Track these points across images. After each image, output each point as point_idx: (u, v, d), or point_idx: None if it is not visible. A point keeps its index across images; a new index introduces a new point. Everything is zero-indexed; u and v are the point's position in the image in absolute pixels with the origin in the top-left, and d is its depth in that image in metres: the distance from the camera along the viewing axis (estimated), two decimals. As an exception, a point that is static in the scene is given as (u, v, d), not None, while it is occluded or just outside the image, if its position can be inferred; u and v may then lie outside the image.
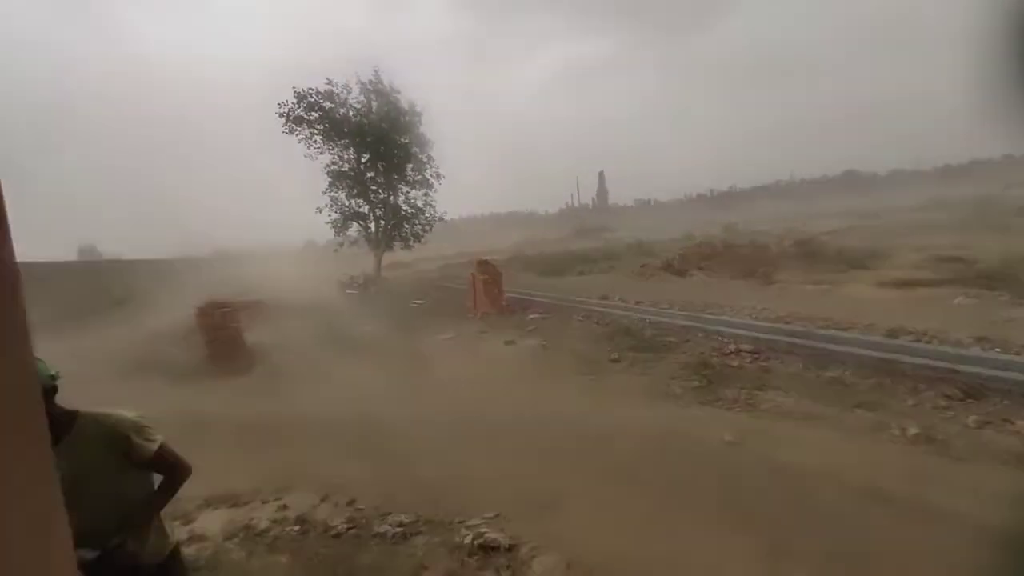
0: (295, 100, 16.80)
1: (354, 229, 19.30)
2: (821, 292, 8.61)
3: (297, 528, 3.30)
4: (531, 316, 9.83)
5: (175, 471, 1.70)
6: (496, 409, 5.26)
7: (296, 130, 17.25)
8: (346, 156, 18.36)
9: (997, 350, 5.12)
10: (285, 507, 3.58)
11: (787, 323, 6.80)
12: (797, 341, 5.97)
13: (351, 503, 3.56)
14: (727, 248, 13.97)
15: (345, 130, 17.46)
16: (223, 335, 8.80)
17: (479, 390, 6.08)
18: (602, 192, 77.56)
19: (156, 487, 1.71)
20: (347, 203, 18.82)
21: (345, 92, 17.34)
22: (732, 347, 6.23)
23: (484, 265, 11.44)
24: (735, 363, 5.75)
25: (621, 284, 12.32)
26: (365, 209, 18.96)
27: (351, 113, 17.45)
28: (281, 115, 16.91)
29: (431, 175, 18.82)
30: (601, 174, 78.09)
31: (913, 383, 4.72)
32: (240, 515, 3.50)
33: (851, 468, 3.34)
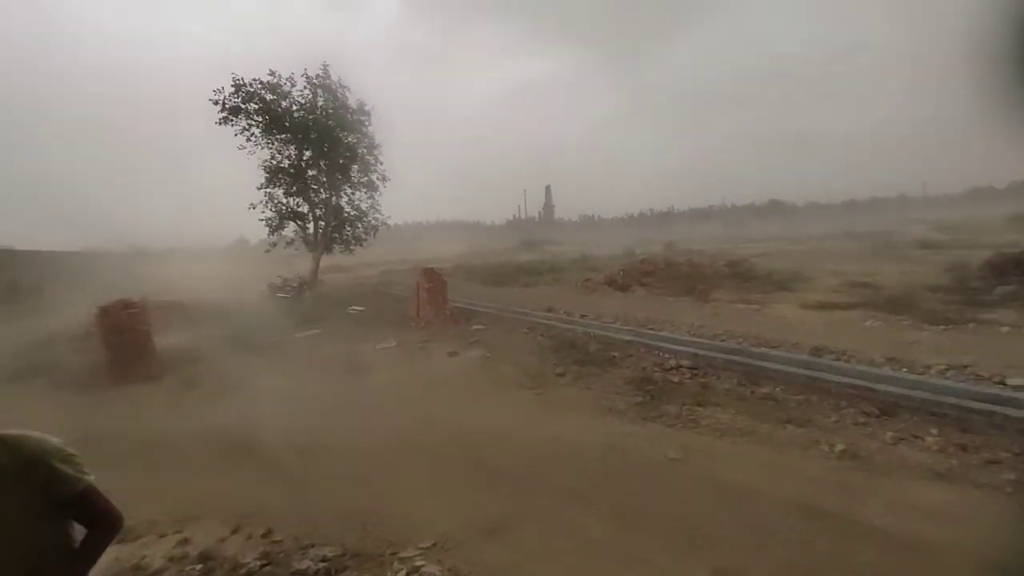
0: (232, 88, 15.66)
1: (291, 229, 18.21)
2: (752, 311, 9.08)
3: (200, 567, 2.86)
4: (475, 327, 9.61)
5: (104, 521, 1.27)
6: (436, 425, 4.99)
7: (232, 120, 16.06)
8: (286, 152, 17.33)
9: (905, 370, 5.55)
10: (186, 541, 3.12)
11: (723, 340, 7.06)
12: (733, 358, 6.19)
13: (267, 534, 3.16)
14: (667, 266, 14.49)
15: (287, 124, 16.48)
16: (128, 339, 7.84)
17: (418, 404, 5.77)
18: (548, 206, 79.14)
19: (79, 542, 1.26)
20: (284, 201, 17.74)
21: (289, 84, 16.41)
22: (673, 363, 6.35)
23: (429, 273, 11.11)
24: (676, 379, 5.84)
25: (566, 297, 12.41)
26: (304, 209, 17.95)
27: (294, 107, 16.51)
28: (215, 102, 15.69)
29: (377, 178, 18.16)
30: (548, 188, 79.76)
31: (836, 400, 4.99)
32: (128, 553, 3.00)
33: (788, 485, 3.41)
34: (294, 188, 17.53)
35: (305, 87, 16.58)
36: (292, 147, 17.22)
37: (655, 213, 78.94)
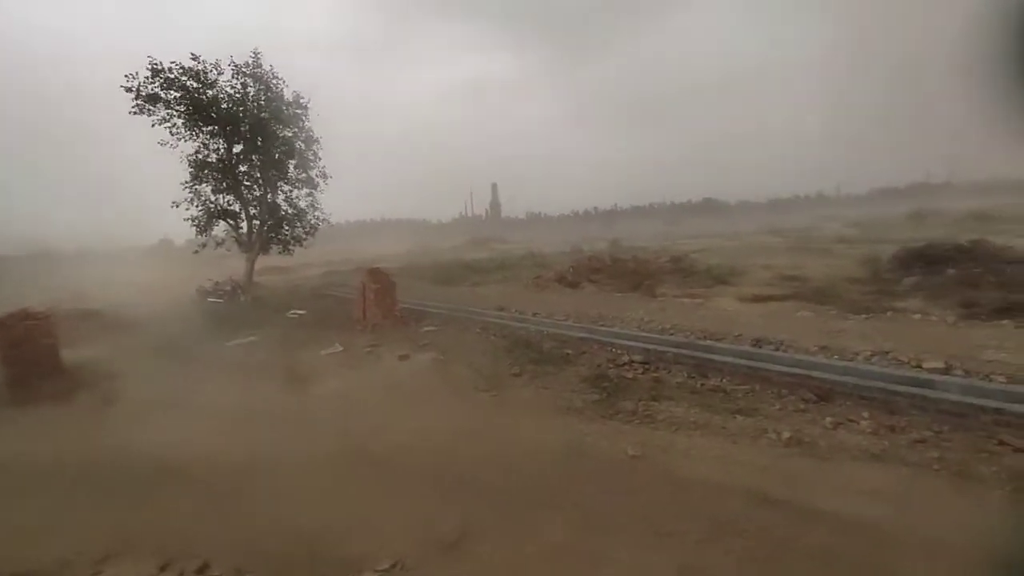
0: (149, 74, 14.26)
1: (221, 228, 16.96)
2: (696, 305, 9.45)
3: (122, 615, 2.51)
4: (426, 328, 9.35)
5: None
6: (389, 433, 4.75)
7: (150, 110, 14.65)
8: (214, 145, 16.09)
9: (836, 357, 5.95)
10: (105, 585, 2.74)
11: (671, 334, 7.27)
12: (682, 352, 6.38)
13: (202, 569, 2.85)
14: (615, 262, 14.84)
15: (213, 115, 15.27)
16: (29, 353, 6.93)
17: (369, 411, 5.49)
18: (495, 204, 79.18)
19: None
20: (213, 199, 16.48)
21: (215, 72, 15.18)
22: (626, 358, 6.45)
23: (376, 273, 10.68)
24: (630, 375, 5.94)
25: (517, 295, 12.38)
26: (236, 207, 16.76)
27: (222, 96, 15.32)
28: (129, 89, 14.24)
29: (317, 174, 17.25)
30: (495, 186, 79.77)
31: (777, 388, 5.26)
32: (32, 606, 2.59)
33: (743, 475, 3.52)
34: (224, 185, 16.32)
35: (234, 77, 15.43)
36: (221, 140, 16.00)
37: (599, 211, 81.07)
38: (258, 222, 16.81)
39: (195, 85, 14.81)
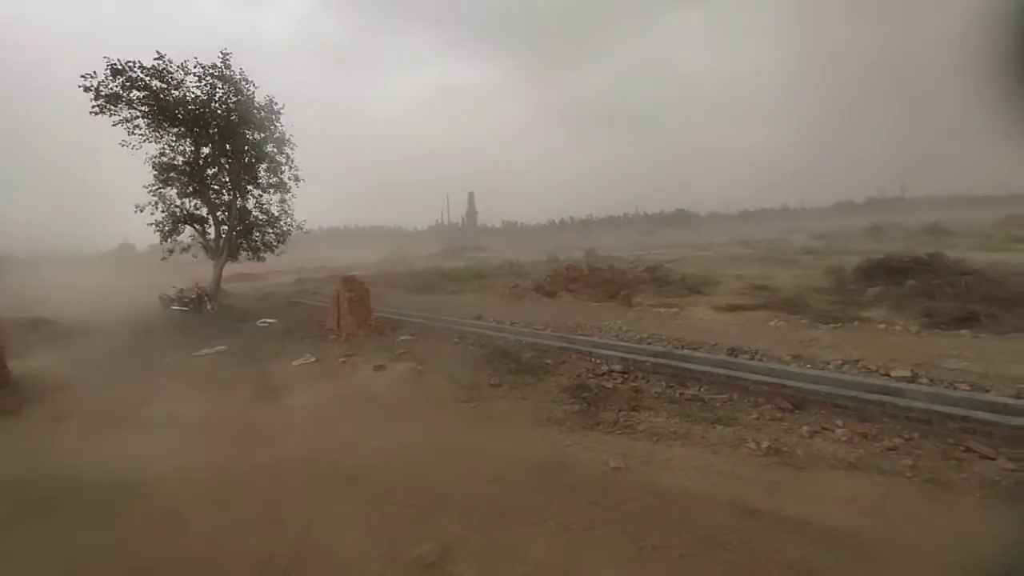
0: (109, 73, 13.68)
1: (188, 233, 16.35)
2: (672, 314, 9.57)
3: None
4: (402, 338, 9.17)
5: None
6: (364, 447, 4.59)
7: (110, 110, 14.04)
8: (180, 147, 15.53)
9: (809, 366, 6.09)
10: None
11: (649, 344, 7.32)
12: (660, 361, 6.41)
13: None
14: (592, 271, 14.94)
15: (180, 116, 14.75)
16: (-29, 366, 6.44)
17: (343, 425, 5.30)
18: (472, 212, 79.17)
19: None
20: (179, 202, 15.88)
21: (181, 73, 14.68)
22: (605, 368, 6.45)
23: (350, 281, 10.44)
24: (610, 384, 5.92)
25: (494, 304, 12.30)
26: (203, 211, 16.19)
27: (189, 98, 14.82)
28: (87, 89, 13.63)
29: (289, 178, 16.83)
30: (471, 195, 79.78)
31: (754, 397, 5.33)
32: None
33: (724, 486, 3.52)
34: (191, 188, 15.76)
35: (202, 79, 14.95)
36: (187, 142, 15.47)
37: (575, 220, 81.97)
38: (227, 227, 16.26)
39: (160, 85, 14.30)
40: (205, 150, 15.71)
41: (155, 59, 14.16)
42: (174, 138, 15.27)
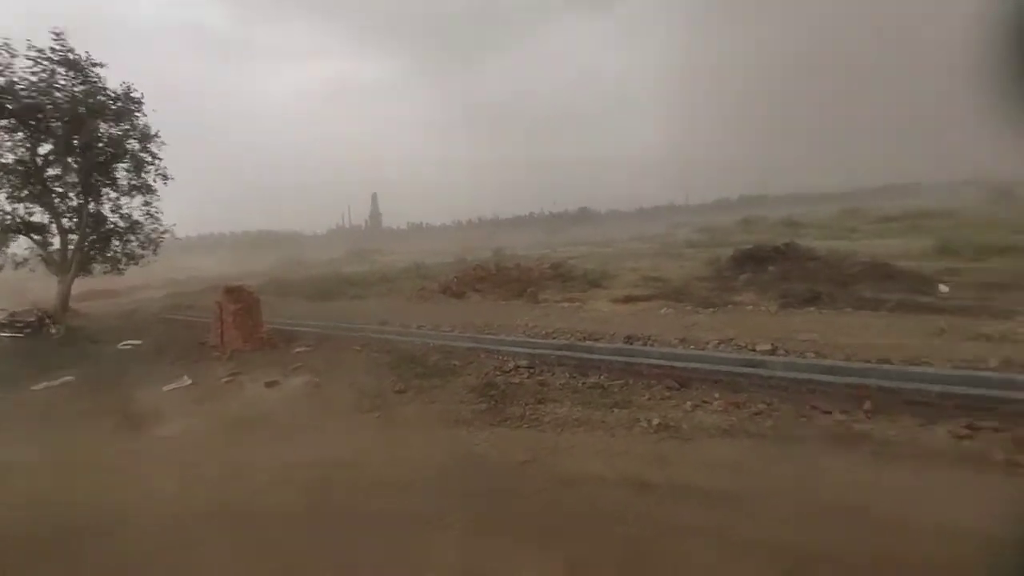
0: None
1: (24, 245, 13.78)
2: (575, 308, 10.01)
3: None
4: (298, 349, 8.53)
5: None
6: (255, 472, 4.18)
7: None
8: (10, 144, 13.01)
9: (692, 347, 6.71)
10: None
11: (554, 338, 7.58)
12: (564, 354, 6.67)
13: None
14: (499, 271, 15.13)
15: (9, 107, 12.33)
16: None
17: (230, 450, 4.79)
18: (375, 214, 76.34)
19: None
20: (10, 209, 13.32)
21: (6, 55, 12.29)
22: (512, 364, 6.55)
23: (235, 292, 9.47)
24: (517, 380, 6.02)
25: (400, 308, 11.95)
26: (45, 219, 13.72)
27: (21, 87, 12.44)
28: None
29: (155, 179, 14.84)
30: (374, 196, 76.87)
31: (647, 380, 5.73)
32: None
33: (622, 465, 3.73)
34: (27, 192, 13.29)
35: (38, 64, 12.66)
36: (18, 136, 13.02)
37: (482, 220, 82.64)
38: (76, 237, 13.95)
39: (-26, 68, 11.86)
40: (45, 147, 13.32)
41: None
42: (4, 132, 12.76)
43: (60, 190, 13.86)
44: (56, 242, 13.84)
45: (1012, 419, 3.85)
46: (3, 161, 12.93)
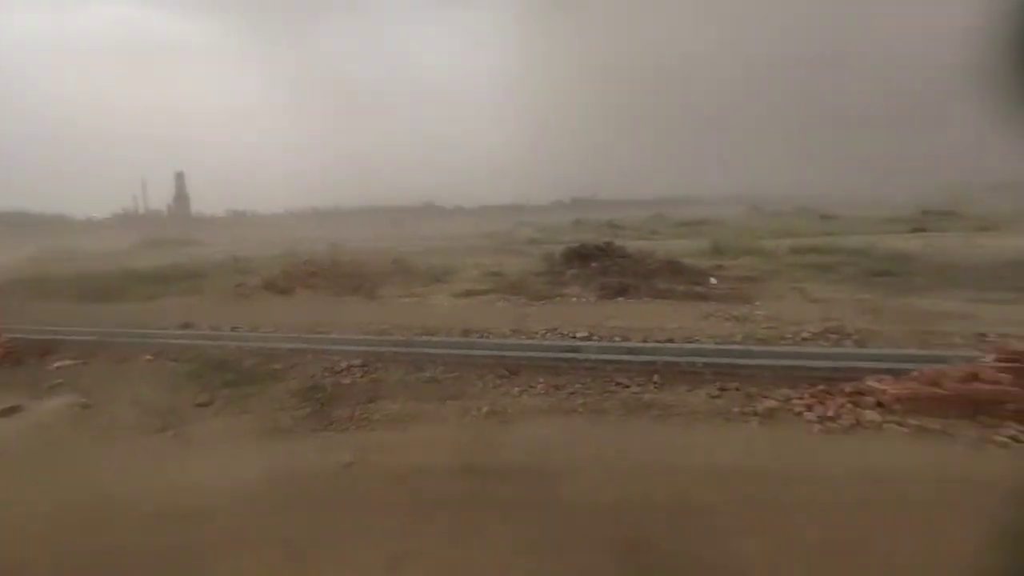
0: None
1: None
2: (415, 303, 9.90)
3: None
4: (58, 364, 6.73)
5: None
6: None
7: None
8: None
9: (524, 337, 7.19)
10: None
11: (391, 334, 7.38)
12: (400, 350, 6.53)
13: None
14: (333, 265, 14.13)
15: None
16: None
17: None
18: (182, 198, 64.60)
19: None
20: None
21: None
22: (344, 364, 6.17)
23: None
24: (347, 380, 5.69)
25: (211, 308, 10.33)
26: None
27: None
28: None
29: None
30: (180, 176, 64.90)
31: (481, 370, 5.94)
32: None
33: (450, 454, 3.80)
34: None
35: None
36: None
37: (320, 211, 76.20)
38: None
39: None
40: None
41: None
42: None
43: None
44: None
45: (747, 381, 5.01)
46: None
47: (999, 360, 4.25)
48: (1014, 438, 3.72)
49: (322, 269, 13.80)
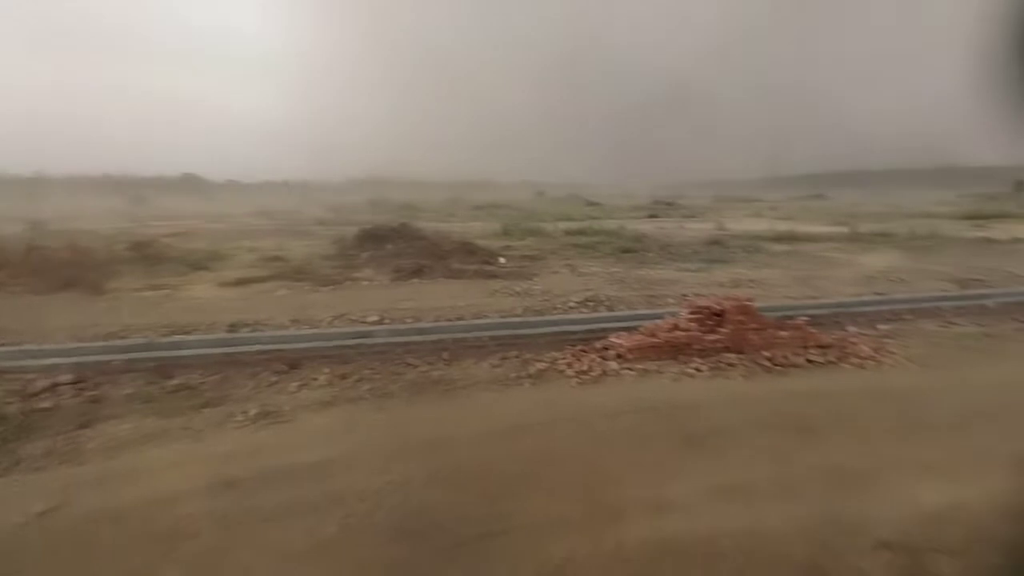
0: None
1: None
2: (162, 297, 8.06)
3: None
4: None
5: None
6: None
7: None
8: None
9: (306, 327, 6.57)
10: None
11: (123, 338, 5.86)
12: (136, 356, 5.24)
13: None
14: (33, 252, 10.49)
15: None
16: None
17: None
18: None
19: None
20: None
21: None
22: (42, 384, 4.63)
23: None
24: (48, 404, 4.30)
25: None
26: None
27: None
28: None
29: None
30: None
31: (252, 368, 5.21)
32: None
33: (204, 472, 3.20)
34: None
35: None
36: None
37: (16, 179, 55.40)
38: None
39: None
40: None
41: None
42: None
43: None
44: None
45: (524, 348, 5.59)
46: None
47: (690, 313, 5.68)
48: (697, 369, 5.04)
49: (16, 259, 10.14)
